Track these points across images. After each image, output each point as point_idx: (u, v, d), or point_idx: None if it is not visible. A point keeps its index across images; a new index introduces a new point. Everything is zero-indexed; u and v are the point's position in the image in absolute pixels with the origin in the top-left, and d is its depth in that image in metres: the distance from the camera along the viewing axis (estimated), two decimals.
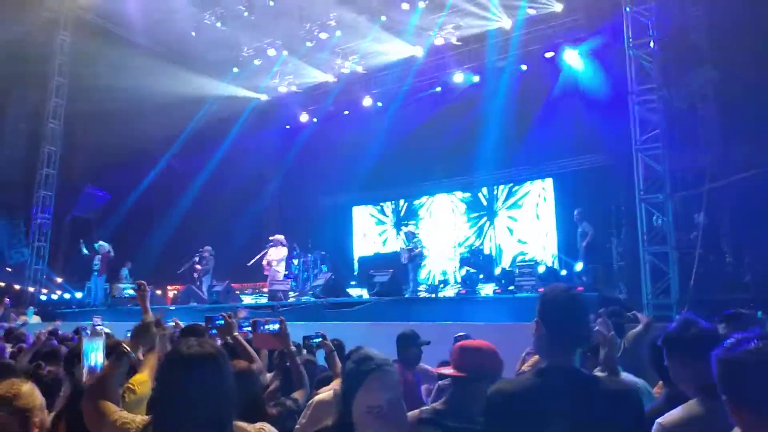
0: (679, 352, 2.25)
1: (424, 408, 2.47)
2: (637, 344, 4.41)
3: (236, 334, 3.87)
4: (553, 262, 12.71)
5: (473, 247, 13.42)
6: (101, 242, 13.12)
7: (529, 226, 13.94)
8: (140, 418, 1.94)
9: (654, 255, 8.50)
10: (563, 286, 2.21)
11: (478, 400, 2.30)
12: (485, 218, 14.64)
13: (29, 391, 2.11)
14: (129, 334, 2.52)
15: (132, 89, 13.19)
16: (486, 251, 13.88)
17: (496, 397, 2.02)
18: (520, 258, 12.38)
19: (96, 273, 12.96)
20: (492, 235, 14.47)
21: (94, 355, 2.50)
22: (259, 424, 1.89)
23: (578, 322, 2.06)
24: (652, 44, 8.76)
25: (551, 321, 2.06)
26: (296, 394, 3.13)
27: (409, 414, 2.48)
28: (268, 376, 3.87)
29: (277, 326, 3.55)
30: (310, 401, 2.91)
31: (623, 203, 9.78)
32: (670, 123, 8.61)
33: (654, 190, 8.60)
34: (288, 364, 3.47)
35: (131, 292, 3.10)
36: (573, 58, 12.08)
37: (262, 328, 3.72)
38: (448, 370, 2.40)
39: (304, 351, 4.37)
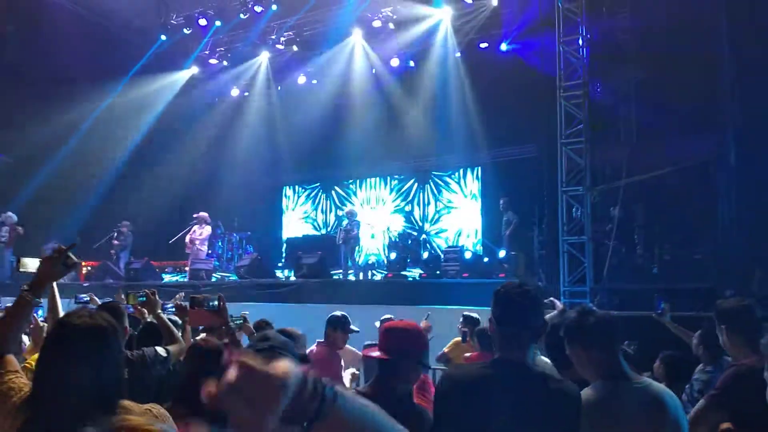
0: (580, 340, 2.33)
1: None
2: (552, 329, 4.60)
3: (159, 312, 3.75)
4: (475, 248, 13.07)
5: (402, 231, 13.58)
6: (8, 213, 12.24)
7: (459, 201, 14.33)
8: (28, 389, 1.80)
9: (571, 245, 8.88)
10: (516, 282, 2.21)
11: (403, 380, 2.32)
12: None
13: None
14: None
15: (48, 52, 12.28)
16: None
17: (445, 382, 2.05)
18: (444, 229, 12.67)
19: (2, 245, 12.11)
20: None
21: None
22: (147, 405, 1.80)
23: (529, 318, 2.07)
24: (580, 41, 9.07)
25: (503, 317, 2.08)
26: None
27: None
28: None
29: (216, 303, 3.47)
30: None
31: (546, 194, 10.14)
32: (593, 118, 8.98)
33: (575, 182, 8.96)
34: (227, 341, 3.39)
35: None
36: (507, 50, 12.33)
37: (201, 305, 3.64)
38: (375, 353, 2.39)
39: None
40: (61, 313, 3.14)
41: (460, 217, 14.11)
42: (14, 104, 12.54)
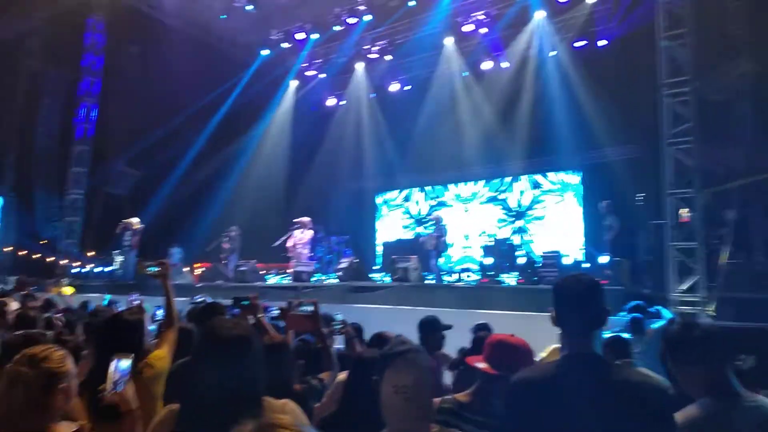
0: (683, 354, 2.20)
1: (446, 397, 2.46)
2: (657, 341, 4.37)
3: (260, 316, 3.97)
4: (578, 255, 12.63)
5: (497, 237, 13.41)
6: (131, 218, 13.40)
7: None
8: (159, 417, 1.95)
9: (680, 250, 8.40)
10: (576, 273, 2.15)
11: (502, 397, 2.34)
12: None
13: (60, 357, 2.02)
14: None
15: (165, 69, 13.42)
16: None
17: (518, 385, 2.03)
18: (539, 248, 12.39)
19: (128, 248, 13.25)
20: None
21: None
22: (283, 401, 1.93)
23: (586, 306, 2.02)
24: (685, 35, 8.55)
25: (561, 308, 2.05)
26: (323, 375, 3.19)
27: None
28: None
29: (310, 308, 3.56)
30: (336, 382, 2.98)
31: (652, 197, 9.64)
32: (703, 117, 8.43)
33: (683, 184, 8.46)
34: (319, 346, 3.52)
35: (155, 268, 3.12)
36: (604, 48, 11.88)
37: (295, 309, 3.78)
38: (481, 365, 2.39)
39: None
40: (177, 312, 3.38)
41: (558, 213, 13.81)
42: (138, 120, 13.82)
